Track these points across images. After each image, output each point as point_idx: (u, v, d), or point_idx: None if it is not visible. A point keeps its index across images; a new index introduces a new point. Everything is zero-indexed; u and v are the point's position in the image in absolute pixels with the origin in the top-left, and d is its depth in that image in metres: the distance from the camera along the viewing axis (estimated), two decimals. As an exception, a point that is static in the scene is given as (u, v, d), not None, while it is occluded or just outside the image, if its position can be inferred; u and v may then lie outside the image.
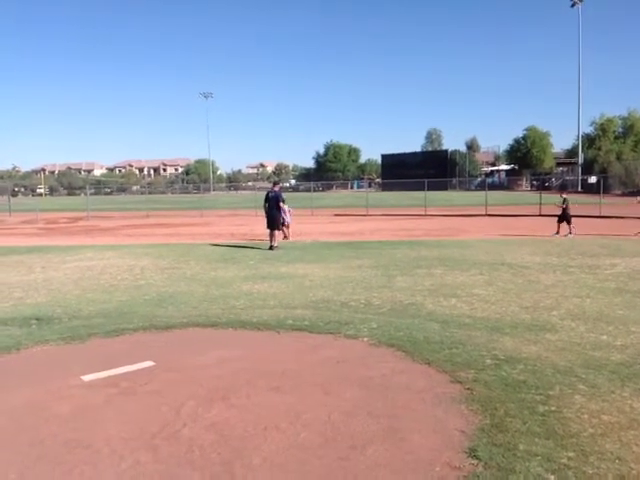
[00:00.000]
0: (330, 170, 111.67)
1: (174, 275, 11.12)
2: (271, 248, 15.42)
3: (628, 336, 6.17)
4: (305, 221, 27.67)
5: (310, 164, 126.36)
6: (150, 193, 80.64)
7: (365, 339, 6.22)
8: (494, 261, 12.25)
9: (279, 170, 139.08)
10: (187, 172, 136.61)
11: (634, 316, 7.06)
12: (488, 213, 29.63)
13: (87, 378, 5.12)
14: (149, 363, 5.52)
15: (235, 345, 6.16)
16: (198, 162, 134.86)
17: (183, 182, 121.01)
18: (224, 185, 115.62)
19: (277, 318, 7.23)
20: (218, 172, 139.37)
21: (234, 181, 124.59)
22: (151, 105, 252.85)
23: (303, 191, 72.06)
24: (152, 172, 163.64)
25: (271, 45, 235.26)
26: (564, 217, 18.89)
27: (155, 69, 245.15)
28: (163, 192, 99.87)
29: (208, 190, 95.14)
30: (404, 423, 4.03)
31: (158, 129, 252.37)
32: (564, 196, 19.43)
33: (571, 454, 3.51)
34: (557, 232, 18.41)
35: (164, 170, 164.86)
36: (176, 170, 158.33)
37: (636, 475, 3.25)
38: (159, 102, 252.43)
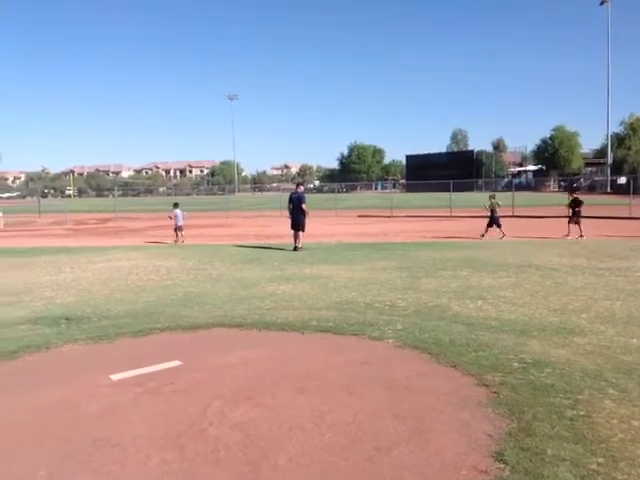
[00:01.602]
0: (354, 171, 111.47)
1: (200, 276, 11.23)
2: (295, 249, 15.45)
3: (660, 340, 6.03)
4: (329, 222, 27.66)
5: (334, 165, 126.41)
6: (176, 194, 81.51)
7: (390, 341, 6.19)
8: (521, 263, 12.08)
9: (303, 171, 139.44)
10: (212, 174, 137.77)
11: (666, 319, 6.89)
12: (515, 214, 29.24)
13: (115, 377, 5.21)
14: (176, 363, 5.59)
15: (260, 346, 6.19)
16: (223, 164, 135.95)
17: (208, 183, 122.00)
18: (249, 186, 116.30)
19: (302, 319, 7.25)
20: (243, 173, 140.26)
21: (259, 182, 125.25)
22: (177, 107, 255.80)
23: (327, 192, 72.08)
24: (178, 174, 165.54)
25: (296, 46, 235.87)
26: (492, 220, 18.48)
27: (181, 72, 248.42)
28: (189, 193, 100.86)
29: (233, 191, 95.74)
30: (430, 425, 4.00)
31: (184, 131, 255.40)
32: (493, 200, 18.78)
33: (600, 460, 3.44)
34: (484, 234, 18.26)
35: (190, 172, 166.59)
36: (201, 172, 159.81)
37: (668, 482, 3.18)
38: (185, 104, 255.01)
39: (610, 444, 3.65)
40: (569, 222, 18.20)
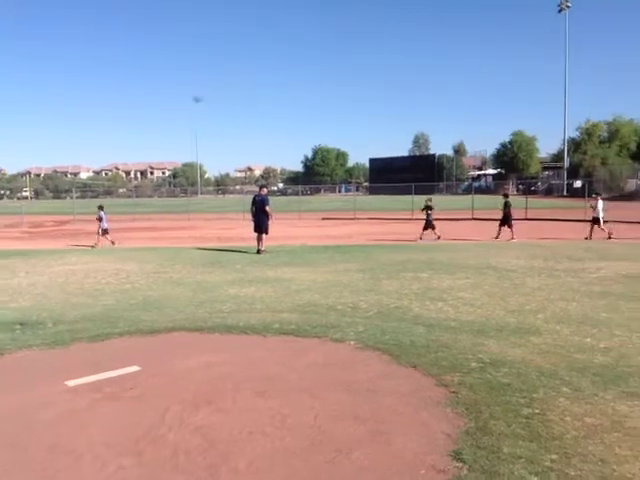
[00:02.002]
0: (318, 174, 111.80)
1: (160, 279, 11.06)
2: (258, 252, 15.39)
3: (611, 339, 6.23)
4: (293, 225, 27.66)
5: (298, 168, 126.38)
6: (137, 196, 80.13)
7: (352, 343, 6.23)
8: (480, 265, 12.33)
9: (267, 174, 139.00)
10: (174, 175, 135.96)
11: (617, 319, 7.14)
12: (474, 217, 29.83)
13: (71, 383, 5.08)
14: (134, 368, 5.49)
15: (221, 349, 6.14)
16: (186, 165, 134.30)
17: (170, 185, 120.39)
18: (212, 189, 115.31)
19: (264, 322, 7.22)
20: (206, 175, 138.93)
21: (222, 184, 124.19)
22: (138, 108, 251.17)
23: (291, 195, 72.02)
24: (139, 175, 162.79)
25: (260, 47, 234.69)
26: (427, 223, 18.88)
27: (142, 71, 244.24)
28: (150, 196, 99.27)
29: (195, 194, 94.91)
30: (390, 427, 4.04)
31: (145, 132, 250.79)
32: (429, 203, 19.10)
33: (554, 456, 3.53)
34: (420, 238, 18.57)
35: (151, 173, 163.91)
36: (163, 173, 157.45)
37: (618, 477, 3.29)
38: (146, 105, 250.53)
39: (564, 441, 3.75)
40: (500, 225, 18.69)
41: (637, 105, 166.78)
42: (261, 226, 15.80)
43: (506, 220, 18.73)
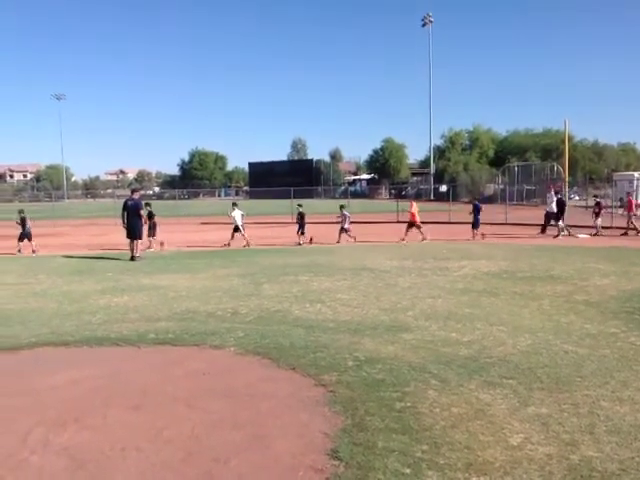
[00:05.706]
0: (196, 178, 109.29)
1: (22, 291, 10.20)
2: (132, 259, 14.73)
3: (474, 332, 6.72)
4: (170, 230, 26.81)
5: (175, 171, 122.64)
6: (-4, 201, 73.30)
7: (232, 349, 6.16)
8: (356, 266, 12.74)
9: (141, 177, 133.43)
10: (37, 179, 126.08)
11: (478, 313, 7.71)
12: (351, 220, 30.77)
13: None
14: (-10, 389, 5.01)
15: (90, 364, 5.78)
16: (50, 168, 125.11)
17: (33, 190, 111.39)
18: (80, 192, 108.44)
19: (138, 332, 6.91)
20: (73, 179, 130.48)
21: (91, 188, 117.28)
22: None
23: (168, 199, 69.71)
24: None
25: (132, 45, 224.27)
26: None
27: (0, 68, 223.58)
28: (10, 200, 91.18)
29: (62, 198, 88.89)
30: (269, 430, 4.04)
31: (3, 132, 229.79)
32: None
33: (425, 447, 3.73)
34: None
35: (11, 177, 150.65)
36: (25, 177, 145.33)
37: (482, 462, 3.54)
38: (4, 103, 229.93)
39: (433, 432, 3.97)
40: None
41: (493, 115, 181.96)
42: (135, 231, 15.14)
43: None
